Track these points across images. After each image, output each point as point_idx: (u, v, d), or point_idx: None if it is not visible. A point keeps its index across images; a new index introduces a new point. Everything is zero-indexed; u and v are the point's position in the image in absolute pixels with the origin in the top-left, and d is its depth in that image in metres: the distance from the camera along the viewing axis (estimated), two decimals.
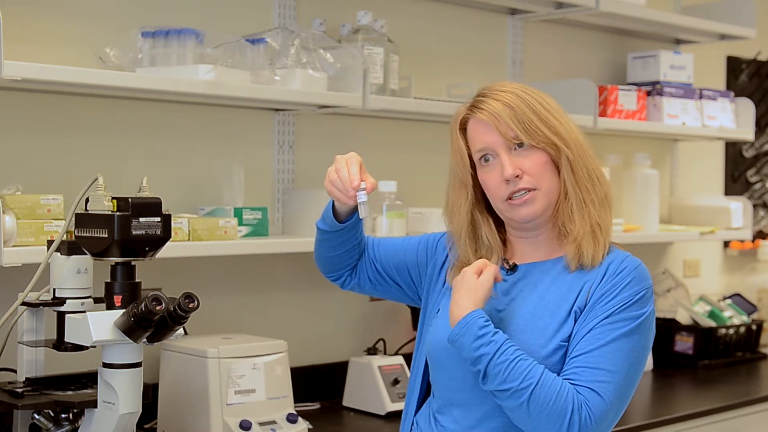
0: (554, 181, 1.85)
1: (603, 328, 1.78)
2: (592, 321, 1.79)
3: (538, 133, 1.84)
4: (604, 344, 1.76)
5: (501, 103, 1.85)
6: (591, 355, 1.76)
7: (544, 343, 1.79)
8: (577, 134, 1.88)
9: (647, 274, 1.86)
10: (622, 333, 1.77)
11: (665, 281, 4.02)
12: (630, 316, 1.79)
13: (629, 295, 1.80)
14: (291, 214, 2.94)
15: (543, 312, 1.83)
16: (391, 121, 3.22)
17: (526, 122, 1.84)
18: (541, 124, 1.84)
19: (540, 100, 1.87)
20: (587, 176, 1.86)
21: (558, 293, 1.84)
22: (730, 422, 3.18)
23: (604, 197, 1.88)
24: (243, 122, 2.90)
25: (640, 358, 1.80)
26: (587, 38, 3.87)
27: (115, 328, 1.92)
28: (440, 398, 1.90)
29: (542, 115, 1.85)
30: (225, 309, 2.87)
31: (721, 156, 4.45)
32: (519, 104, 1.85)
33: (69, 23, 2.56)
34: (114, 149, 2.65)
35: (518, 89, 1.88)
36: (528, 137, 1.83)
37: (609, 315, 1.78)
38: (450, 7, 3.40)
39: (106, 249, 1.93)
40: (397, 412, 2.79)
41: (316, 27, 2.93)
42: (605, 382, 1.75)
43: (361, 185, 1.89)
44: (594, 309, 1.80)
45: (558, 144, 1.84)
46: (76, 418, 2.13)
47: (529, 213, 1.86)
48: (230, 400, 2.43)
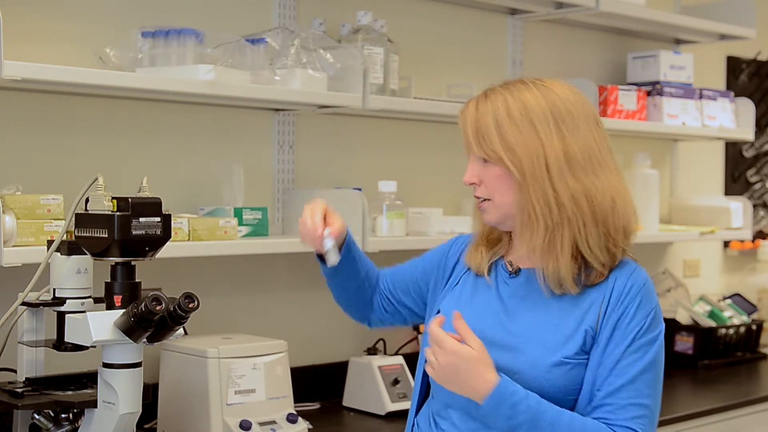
0: (510, 194, 1.81)
1: (628, 360, 1.77)
2: (614, 351, 1.77)
3: (487, 148, 1.80)
4: (634, 378, 1.76)
5: (472, 109, 1.84)
6: (623, 391, 1.76)
7: (547, 357, 1.77)
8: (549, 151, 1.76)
9: (653, 289, 1.85)
10: (647, 362, 1.78)
11: (665, 281, 4.02)
12: (649, 340, 1.79)
13: (642, 317, 1.79)
14: (291, 214, 2.94)
15: (547, 325, 1.81)
16: (391, 121, 3.22)
17: (482, 134, 1.80)
18: (496, 138, 1.79)
19: (520, 109, 1.79)
20: (542, 198, 1.76)
21: (561, 306, 1.82)
22: (730, 422, 3.18)
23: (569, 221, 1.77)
24: (243, 122, 2.90)
25: (661, 378, 1.82)
26: (587, 38, 3.87)
27: (115, 328, 1.92)
28: (439, 400, 1.90)
29: (504, 129, 1.79)
30: (225, 309, 2.87)
31: (721, 156, 4.45)
32: (487, 113, 1.81)
33: (69, 23, 2.56)
34: (114, 149, 2.65)
35: (508, 96, 1.81)
36: (478, 150, 1.82)
37: (630, 344, 1.77)
38: (450, 7, 3.40)
39: (106, 249, 1.93)
40: (396, 412, 2.80)
41: (316, 27, 2.93)
42: (641, 416, 1.76)
43: (325, 233, 1.87)
44: (613, 338, 1.78)
45: (506, 162, 1.78)
46: (76, 418, 2.13)
47: (486, 220, 1.87)
48: (230, 400, 2.43)
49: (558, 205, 1.76)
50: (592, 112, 1.85)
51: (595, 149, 1.81)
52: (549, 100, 1.80)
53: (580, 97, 1.85)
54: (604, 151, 1.83)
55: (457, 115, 1.89)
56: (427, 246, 2.88)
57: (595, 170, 1.80)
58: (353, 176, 3.14)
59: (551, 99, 1.80)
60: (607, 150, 1.84)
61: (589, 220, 1.78)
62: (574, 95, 1.84)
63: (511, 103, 1.80)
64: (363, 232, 2.74)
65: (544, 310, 1.82)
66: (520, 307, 1.85)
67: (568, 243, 1.78)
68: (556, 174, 1.76)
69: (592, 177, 1.79)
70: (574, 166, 1.78)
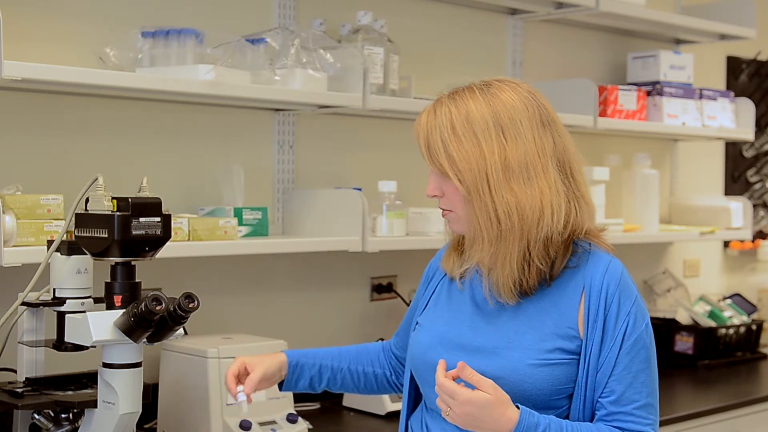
0: (462, 207, 1.81)
1: (623, 363, 1.77)
2: (608, 357, 1.77)
3: (437, 162, 1.80)
4: (633, 379, 1.77)
5: (423, 123, 1.83)
6: (626, 395, 1.77)
7: (528, 359, 1.77)
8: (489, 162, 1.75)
9: (631, 281, 1.84)
10: (643, 360, 1.78)
11: (665, 281, 4.02)
12: (638, 336, 1.79)
13: (626, 314, 1.79)
14: (291, 214, 2.94)
15: (524, 327, 1.80)
16: (391, 121, 3.22)
17: (432, 149, 1.81)
18: (443, 154, 1.79)
19: (463, 121, 1.78)
20: (484, 212, 1.76)
21: (538, 306, 1.81)
22: (730, 422, 3.18)
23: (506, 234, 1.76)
24: (243, 122, 2.90)
25: (655, 364, 1.83)
26: (587, 38, 3.87)
27: (115, 328, 1.91)
28: (429, 406, 1.90)
29: (449, 144, 1.78)
30: (225, 309, 2.87)
31: (721, 156, 4.45)
32: (435, 127, 1.80)
33: (69, 23, 2.56)
34: (114, 149, 2.65)
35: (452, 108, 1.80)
36: (431, 164, 1.83)
37: (621, 345, 1.78)
38: (450, 7, 3.40)
39: (106, 249, 1.93)
40: (396, 412, 2.79)
41: (316, 27, 2.93)
42: (648, 417, 1.78)
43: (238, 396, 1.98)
44: (604, 342, 1.78)
45: (452, 178, 1.78)
46: (76, 418, 2.13)
47: (453, 229, 1.89)
48: (230, 400, 2.43)
49: (497, 220, 1.76)
50: (541, 114, 1.81)
51: (535, 155, 1.77)
52: (492, 108, 1.78)
53: (530, 99, 1.81)
54: (546, 156, 1.78)
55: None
56: (427, 246, 2.91)
57: (530, 178, 1.76)
58: (353, 176, 3.14)
59: (495, 107, 1.78)
60: (551, 153, 1.79)
61: (517, 235, 1.76)
62: (522, 99, 1.80)
63: (455, 116, 1.79)
64: (363, 232, 2.74)
65: (522, 313, 1.82)
66: (497, 311, 1.84)
67: (510, 255, 1.77)
68: (494, 187, 1.76)
69: (525, 186, 1.76)
70: (509, 176, 1.76)
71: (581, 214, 1.81)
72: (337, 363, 2.11)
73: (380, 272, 3.24)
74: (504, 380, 1.76)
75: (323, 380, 2.10)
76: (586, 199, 1.83)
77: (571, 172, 1.82)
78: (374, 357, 2.16)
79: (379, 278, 3.24)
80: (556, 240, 1.78)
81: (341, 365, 2.12)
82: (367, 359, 2.16)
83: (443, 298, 1.94)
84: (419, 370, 1.91)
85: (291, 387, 2.07)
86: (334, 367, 2.11)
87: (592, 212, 1.86)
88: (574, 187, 1.81)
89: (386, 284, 3.25)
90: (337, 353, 2.13)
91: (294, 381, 2.06)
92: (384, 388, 2.17)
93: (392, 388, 2.17)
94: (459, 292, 1.91)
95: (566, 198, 1.79)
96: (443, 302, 1.94)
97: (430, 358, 1.85)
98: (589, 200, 1.84)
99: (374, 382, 2.15)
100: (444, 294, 1.95)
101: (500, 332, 1.81)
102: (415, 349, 1.92)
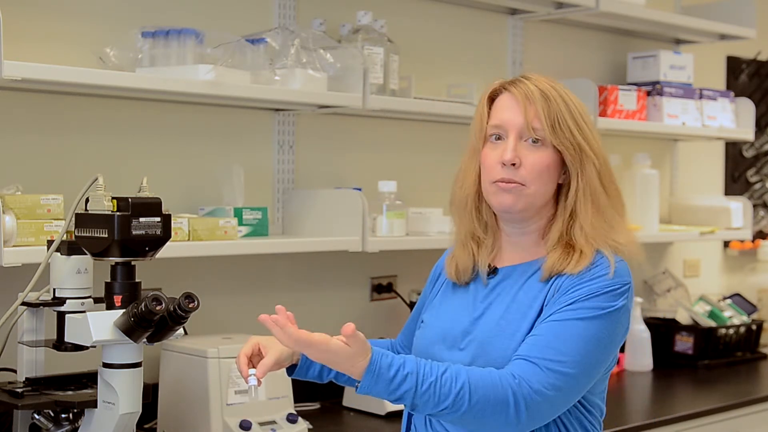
0: (548, 187, 1.81)
1: (561, 314, 1.73)
2: (553, 307, 1.75)
3: (565, 134, 1.79)
4: (559, 325, 1.72)
5: (539, 91, 1.81)
6: (543, 335, 1.72)
7: (515, 347, 1.76)
8: (601, 147, 1.84)
9: (626, 271, 1.81)
10: (582, 317, 1.72)
11: (665, 281, 4.02)
12: (596, 305, 1.73)
13: (600, 287, 1.75)
14: (291, 214, 2.94)
15: (515, 315, 1.80)
16: (391, 121, 3.22)
17: (557, 119, 1.79)
18: (573, 126, 1.80)
19: (578, 104, 1.84)
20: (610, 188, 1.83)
21: (530, 294, 1.81)
22: (730, 422, 3.18)
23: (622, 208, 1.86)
24: (243, 122, 2.90)
25: (601, 348, 1.74)
26: (587, 38, 3.87)
27: (115, 328, 1.92)
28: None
29: (576, 118, 1.81)
30: (225, 309, 2.87)
31: (721, 156, 4.45)
32: (556, 98, 1.81)
33: (69, 23, 2.56)
34: (114, 149, 2.65)
35: (560, 87, 1.84)
36: (553, 134, 1.79)
37: (572, 303, 1.73)
38: (450, 7, 3.40)
39: (106, 249, 1.93)
40: (396, 412, 2.79)
41: (316, 27, 2.93)
42: (551, 360, 1.70)
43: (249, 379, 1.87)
44: (559, 299, 1.75)
45: (585, 149, 1.81)
46: (76, 418, 2.13)
47: (507, 202, 1.81)
48: (230, 400, 2.43)
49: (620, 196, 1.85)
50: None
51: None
52: (575, 100, 1.84)
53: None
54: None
55: (457, 114, 1.89)
56: (427, 246, 2.91)
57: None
58: (353, 176, 3.14)
59: (576, 99, 1.85)
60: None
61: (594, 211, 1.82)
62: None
63: (566, 97, 1.82)
64: (363, 232, 2.74)
65: (514, 303, 1.82)
66: (494, 304, 1.85)
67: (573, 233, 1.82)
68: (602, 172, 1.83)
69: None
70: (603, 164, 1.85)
71: None
72: None
73: (380, 272, 3.24)
74: (498, 367, 1.75)
75: (333, 370, 2.04)
76: None
77: None
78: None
79: (379, 278, 3.24)
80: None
81: None
82: None
83: (448, 296, 1.95)
84: None
85: (301, 374, 1.99)
86: None
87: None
88: None
89: (386, 284, 3.25)
90: None
91: (305, 368, 2.00)
92: None
93: None
94: (463, 289, 1.92)
95: None
96: (448, 300, 1.95)
97: (432, 354, 1.86)
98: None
99: None
100: (449, 292, 1.96)
101: (492, 324, 1.82)
102: (418, 345, 1.93)
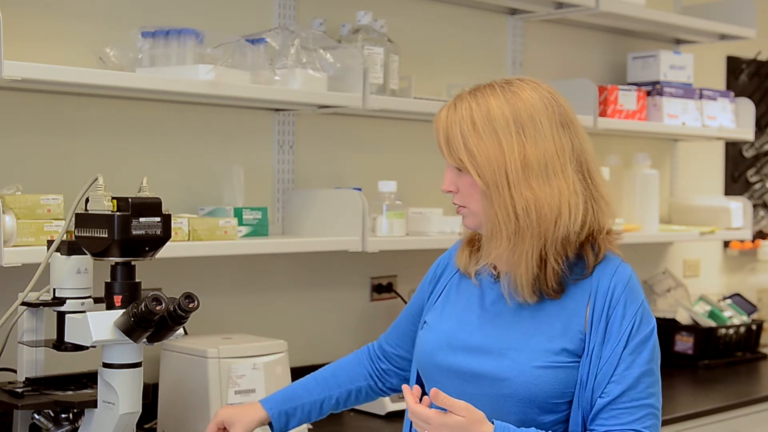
0: (479, 203, 1.81)
1: (625, 363, 1.76)
2: (610, 357, 1.76)
3: (455, 156, 1.80)
4: (634, 383, 1.75)
5: (443, 117, 1.83)
6: (624, 396, 1.75)
7: (533, 362, 1.77)
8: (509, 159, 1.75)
9: (638, 286, 1.83)
10: (645, 363, 1.76)
11: (665, 281, 4.02)
12: (642, 339, 1.77)
13: (631, 316, 1.78)
14: (291, 214, 2.94)
15: (532, 329, 1.80)
16: (391, 121, 3.22)
17: (451, 143, 1.81)
18: (462, 148, 1.79)
19: (484, 117, 1.78)
20: (503, 208, 1.76)
21: (546, 309, 1.81)
22: (730, 422, 3.18)
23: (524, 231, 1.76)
24: (243, 122, 2.90)
25: (659, 375, 1.81)
26: (587, 38, 3.87)
27: (115, 328, 1.91)
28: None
29: (468, 138, 1.78)
30: (225, 309, 2.87)
31: (721, 156, 4.45)
32: (455, 122, 1.81)
33: (69, 23, 2.56)
34: (114, 149, 2.65)
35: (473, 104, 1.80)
36: (449, 158, 1.82)
37: (625, 346, 1.76)
38: (450, 7, 3.40)
39: (106, 249, 1.93)
40: (396, 412, 2.80)
41: (316, 27, 2.93)
42: (645, 416, 1.75)
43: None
44: (606, 343, 1.77)
45: (471, 172, 1.78)
46: (76, 418, 2.12)
47: (466, 225, 1.87)
48: (230, 400, 2.43)
49: (515, 216, 1.76)
50: (561, 114, 1.81)
51: (553, 154, 1.77)
52: (513, 106, 1.78)
53: (550, 99, 1.81)
54: (565, 155, 1.79)
55: None
56: (427, 246, 2.91)
57: (548, 177, 1.76)
58: (353, 176, 3.14)
59: (515, 105, 1.78)
60: (570, 153, 1.79)
61: (535, 233, 1.76)
62: (542, 99, 1.80)
63: (475, 112, 1.79)
64: (363, 232, 2.74)
65: (528, 314, 1.82)
66: (505, 313, 1.84)
67: (528, 253, 1.77)
68: (513, 182, 1.76)
69: (544, 185, 1.76)
70: (528, 174, 1.76)
71: (600, 214, 1.82)
72: (317, 395, 2.11)
73: (380, 272, 3.24)
74: (510, 382, 1.76)
75: (312, 416, 2.12)
76: (606, 200, 1.83)
77: (590, 173, 1.82)
78: (354, 372, 2.17)
79: (379, 278, 3.24)
80: (573, 240, 1.78)
81: (322, 396, 2.12)
82: (347, 377, 2.15)
83: (452, 298, 1.94)
84: (426, 371, 1.91)
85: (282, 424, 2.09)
86: (316, 401, 2.11)
87: (613, 212, 1.86)
88: (593, 187, 1.81)
89: (386, 284, 3.25)
90: (314, 384, 2.13)
91: (283, 428, 2.08)
92: (371, 397, 2.18)
93: (380, 394, 2.18)
94: (470, 292, 1.91)
95: (584, 198, 1.79)
96: (452, 302, 1.94)
97: (438, 359, 1.86)
98: (609, 200, 1.84)
99: (360, 396, 2.16)
100: (453, 293, 1.95)
101: (508, 334, 1.82)
102: (423, 348, 1.92)
